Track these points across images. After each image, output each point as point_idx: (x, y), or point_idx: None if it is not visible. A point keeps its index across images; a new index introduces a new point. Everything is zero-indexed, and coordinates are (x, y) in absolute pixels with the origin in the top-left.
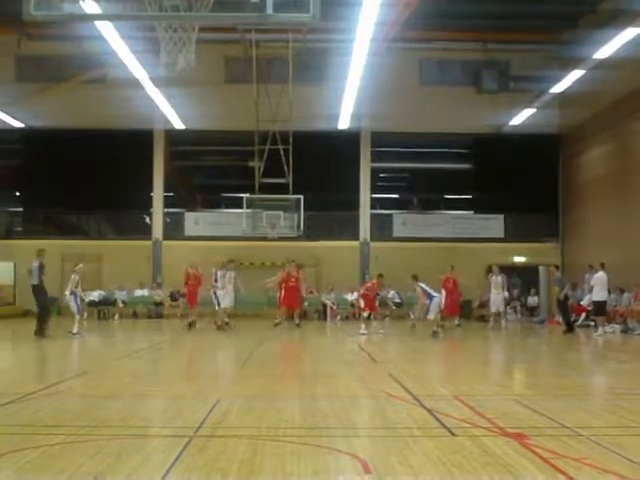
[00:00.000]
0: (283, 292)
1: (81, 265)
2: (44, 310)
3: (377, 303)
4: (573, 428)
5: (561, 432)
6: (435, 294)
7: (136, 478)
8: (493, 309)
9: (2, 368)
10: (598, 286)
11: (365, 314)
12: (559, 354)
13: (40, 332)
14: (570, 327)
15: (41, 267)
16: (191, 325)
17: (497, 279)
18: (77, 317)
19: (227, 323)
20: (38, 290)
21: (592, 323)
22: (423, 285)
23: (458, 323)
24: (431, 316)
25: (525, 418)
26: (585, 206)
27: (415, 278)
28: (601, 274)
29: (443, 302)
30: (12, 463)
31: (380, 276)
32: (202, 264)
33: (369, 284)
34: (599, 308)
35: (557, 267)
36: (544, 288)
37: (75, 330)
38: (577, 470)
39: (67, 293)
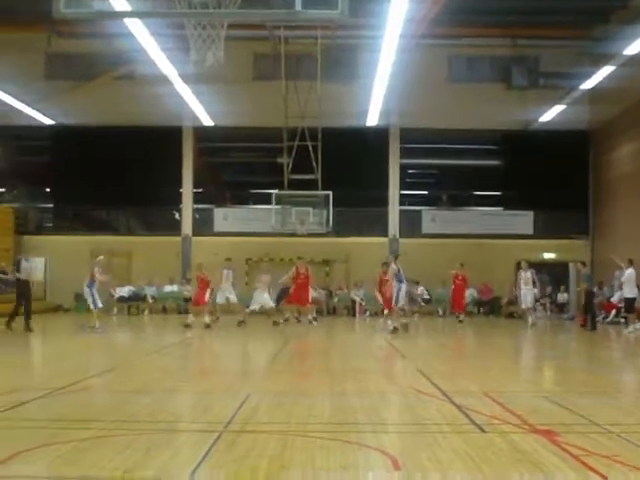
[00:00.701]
0: (292, 289)
1: (101, 257)
2: (18, 305)
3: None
4: (603, 425)
5: (591, 429)
6: (404, 281)
7: (165, 473)
8: (523, 305)
9: (32, 363)
10: (628, 283)
11: (386, 311)
12: (589, 351)
13: (27, 327)
14: (593, 325)
15: (18, 264)
16: (207, 326)
17: (526, 274)
18: (95, 311)
19: (218, 318)
20: (19, 285)
21: (622, 320)
22: (398, 267)
23: (461, 319)
24: (401, 304)
25: (555, 415)
26: (616, 203)
27: (395, 258)
28: (630, 271)
29: (451, 297)
30: (43, 457)
31: (384, 264)
32: (233, 260)
33: (378, 278)
34: (629, 305)
35: (584, 263)
36: (574, 285)
37: (97, 324)
38: (608, 467)
39: (84, 285)
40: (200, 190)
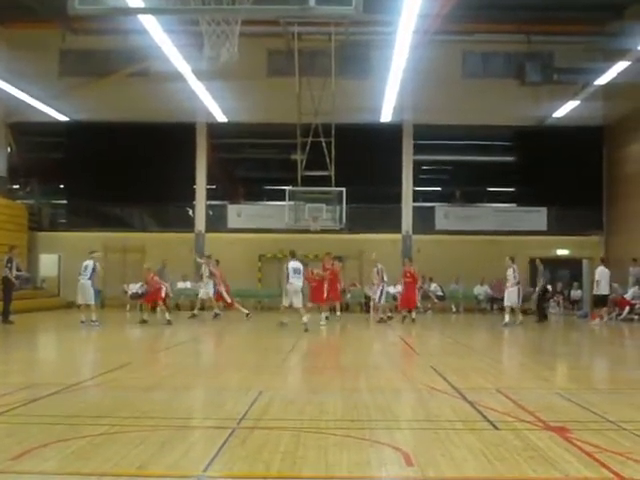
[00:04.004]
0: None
1: (98, 253)
2: (5, 301)
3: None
4: (617, 422)
5: (605, 426)
6: (288, 280)
7: (179, 468)
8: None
9: (47, 359)
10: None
11: (309, 304)
12: (603, 347)
13: (5, 320)
14: (542, 316)
15: (9, 261)
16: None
17: (509, 271)
18: (93, 305)
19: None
20: (3, 282)
21: (636, 317)
22: (294, 265)
23: (413, 318)
24: (286, 303)
25: (568, 412)
26: (630, 199)
27: (292, 254)
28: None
29: (402, 294)
30: (57, 453)
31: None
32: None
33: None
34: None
35: (541, 260)
36: (587, 282)
37: (94, 318)
38: (621, 464)
39: (85, 279)
40: (213, 186)
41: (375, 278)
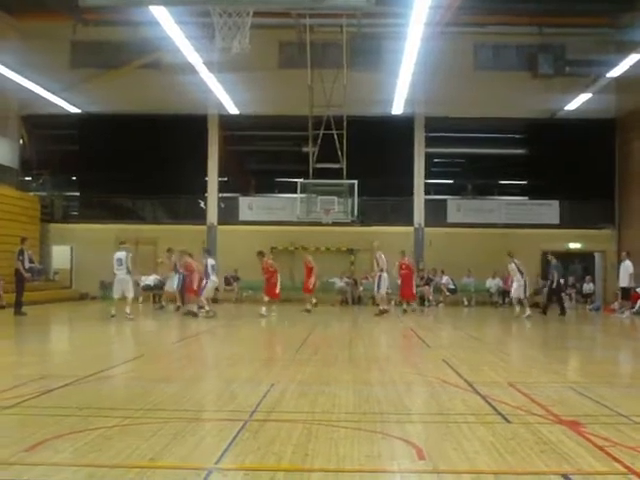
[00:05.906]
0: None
1: (126, 245)
2: (18, 293)
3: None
4: (629, 416)
5: (617, 420)
6: (211, 275)
7: (191, 461)
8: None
9: (60, 351)
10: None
11: (266, 298)
12: (615, 341)
13: (18, 312)
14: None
15: (20, 253)
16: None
17: (511, 266)
18: (130, 298)
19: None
20: (16, 275)
21: None
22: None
23: (414, 309)
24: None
25: (580, 406)
26: None
27: (208, 252)
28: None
29: (401, 287)
30: (70, 445)
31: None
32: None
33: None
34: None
35: (554, 254)
36: (599, 275)
37: (128, 311)
38: (632, 458)
39: (125, 273)
40: (225, 179)
41: (375, 267)
